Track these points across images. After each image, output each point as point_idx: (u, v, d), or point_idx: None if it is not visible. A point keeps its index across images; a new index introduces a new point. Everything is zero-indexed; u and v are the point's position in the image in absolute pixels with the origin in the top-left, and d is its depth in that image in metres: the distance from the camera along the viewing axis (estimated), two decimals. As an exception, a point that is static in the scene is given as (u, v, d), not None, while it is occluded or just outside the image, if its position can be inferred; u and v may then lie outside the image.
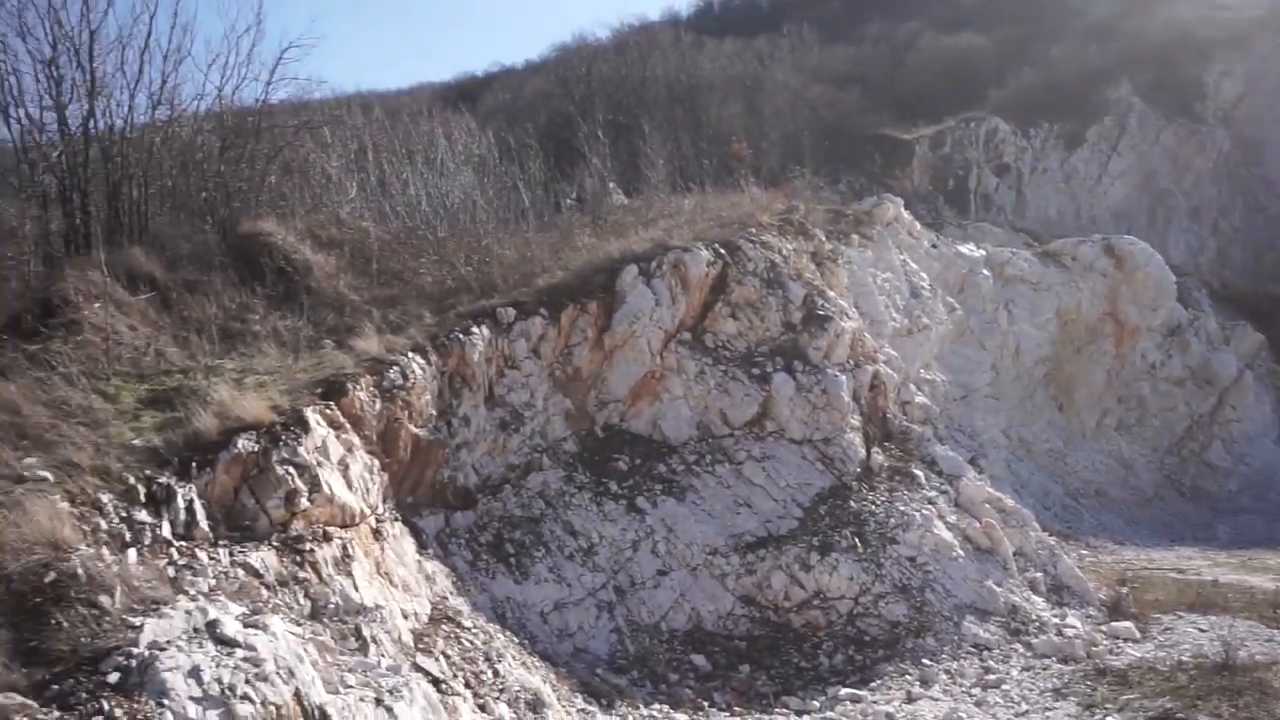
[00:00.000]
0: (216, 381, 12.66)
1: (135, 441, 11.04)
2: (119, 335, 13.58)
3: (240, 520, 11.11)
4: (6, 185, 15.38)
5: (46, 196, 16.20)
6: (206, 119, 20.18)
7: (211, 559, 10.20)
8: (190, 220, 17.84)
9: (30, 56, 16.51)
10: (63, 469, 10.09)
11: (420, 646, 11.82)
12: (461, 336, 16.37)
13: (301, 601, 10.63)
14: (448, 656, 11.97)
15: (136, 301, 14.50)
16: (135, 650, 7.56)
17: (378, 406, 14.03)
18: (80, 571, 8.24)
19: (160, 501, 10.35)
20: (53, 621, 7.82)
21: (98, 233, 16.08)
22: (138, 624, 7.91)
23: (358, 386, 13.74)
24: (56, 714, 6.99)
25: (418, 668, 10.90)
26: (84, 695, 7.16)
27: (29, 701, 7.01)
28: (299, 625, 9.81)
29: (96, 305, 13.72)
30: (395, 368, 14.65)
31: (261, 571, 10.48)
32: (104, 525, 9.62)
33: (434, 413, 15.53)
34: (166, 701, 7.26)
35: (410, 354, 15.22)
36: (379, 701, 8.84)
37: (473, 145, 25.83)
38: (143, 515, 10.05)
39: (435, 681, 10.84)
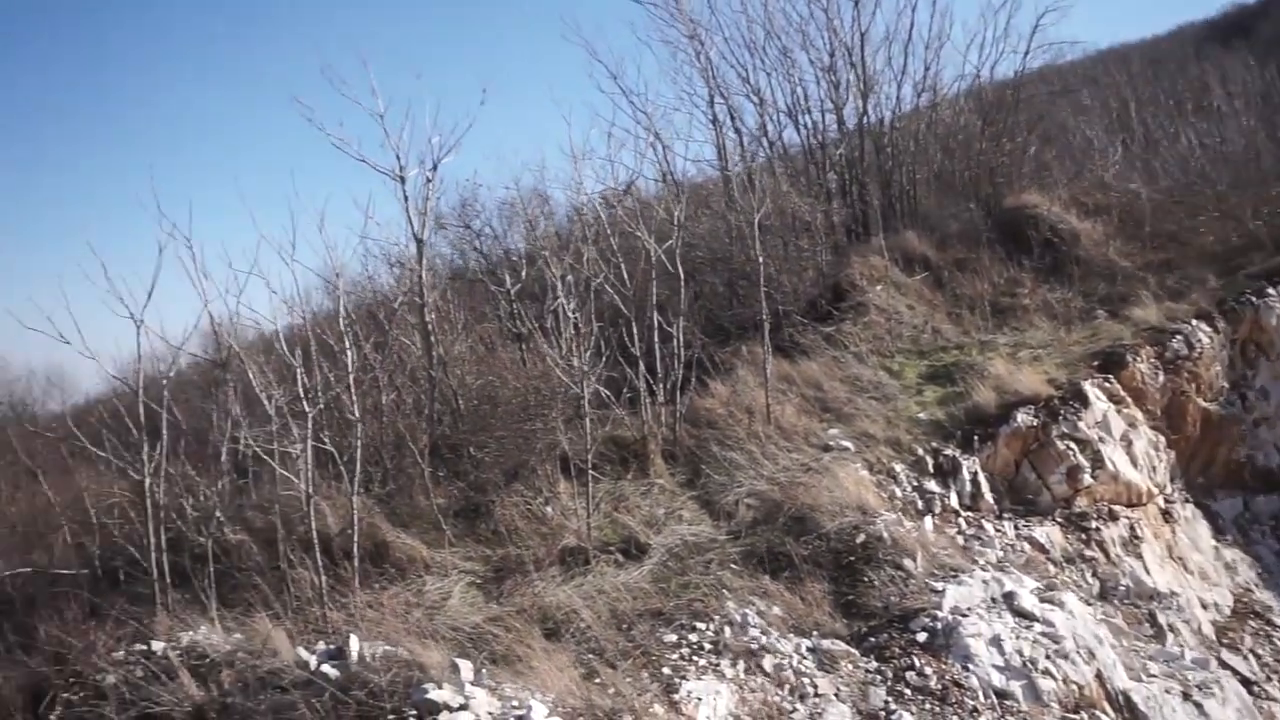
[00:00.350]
0: (991, 356, 12.99)
1: (920, 415, 11.79)
2: (899, 314, 14.52)
3: (1022, 494, 11.25)
4: (799, 184, 17.27)
5: (830, 191, 17.86)
6: (966, 99, 20.55)
7: (997, 531, 10.43)
8: (955, 200, 18.32)
9: (812, 66, 18.41)
10: (860, 439, 11.16)
11: (1224, 641, 10.80)
12: (1254, 300, 14.63)
13: (1089, 581, 10.36)
14: (1258, 656, 10.77)
15: (912, 282, 15.35)
16: (939, 614, 8.01)
17: (1160, 379, 13.15)
18: (885, 535, 8.98)
19: (946, 473, 10.90)
20: (864, 579, 8.65)
21: (875, 220, 17.35)
22: (939, 589, 8.38)
23: (1137, 358, 13.04)
24: (874, 664, 7.71)
25: (1224, 664, 9.96)
26: (896, 650, 7.80)
27: (851, 649, 7.83)
28: (1089, 605, 9.58)
29: (879, 287, 14.85)
30: (1178, 337, 13.61)
31: (1047, 547, 10.44)
32: (898, 493, 10.39)
33: (1225, 385, 14.09)
34: (971, 666, 7.59)
35: (1194, 321, 14.02)
36: (1186, 696, 8.27)
37: (1251, 84, 22.82)
38: (931, 485, 10.66)
39: (1245, 682, 9.82)
